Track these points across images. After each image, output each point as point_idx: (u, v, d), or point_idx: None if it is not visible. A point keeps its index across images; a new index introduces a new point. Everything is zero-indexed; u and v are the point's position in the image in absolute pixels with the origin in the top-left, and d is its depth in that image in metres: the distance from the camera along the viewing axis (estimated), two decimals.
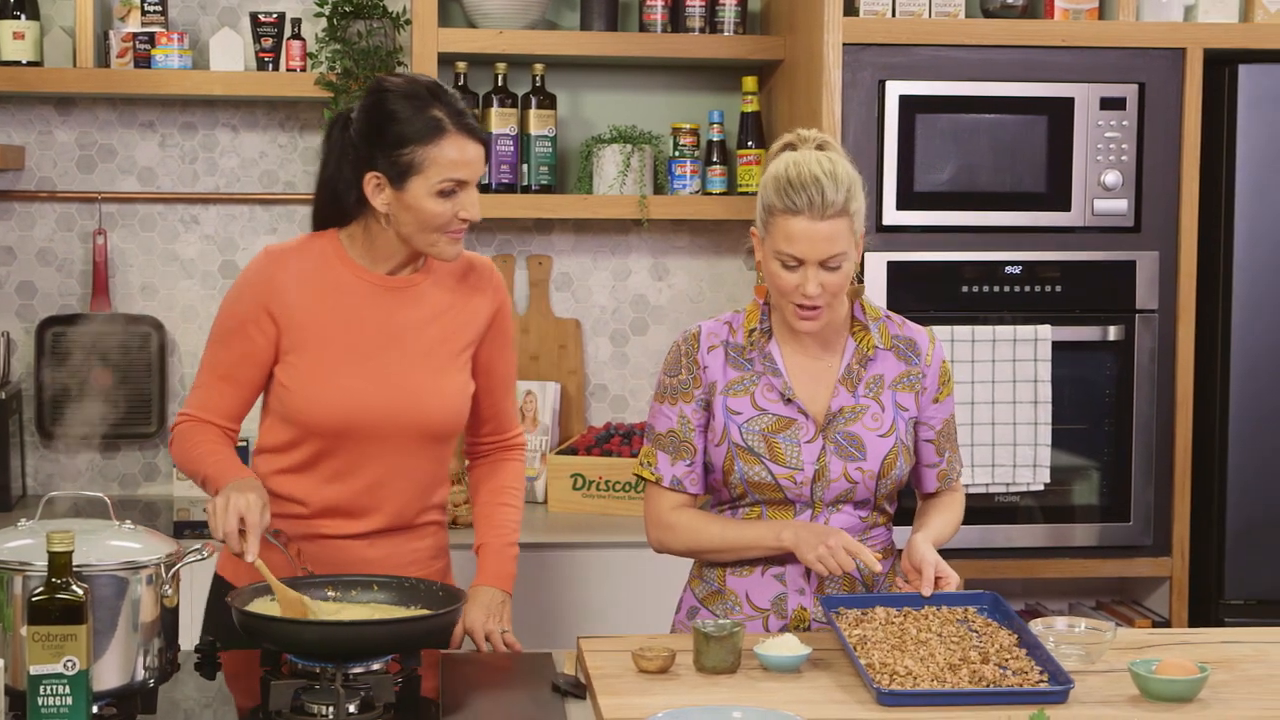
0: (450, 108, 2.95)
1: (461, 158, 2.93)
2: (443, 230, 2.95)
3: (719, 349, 3.04)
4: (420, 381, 3.03)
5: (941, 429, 3.10)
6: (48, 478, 4.63)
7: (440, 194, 2.92)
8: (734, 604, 3.06)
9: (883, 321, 3.07)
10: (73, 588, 2.30)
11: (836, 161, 2.93)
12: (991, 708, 2.57)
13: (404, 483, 3.06)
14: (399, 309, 3.04)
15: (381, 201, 2.95)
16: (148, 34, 4.42)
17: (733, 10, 4.57)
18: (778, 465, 2.98)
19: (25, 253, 4.60)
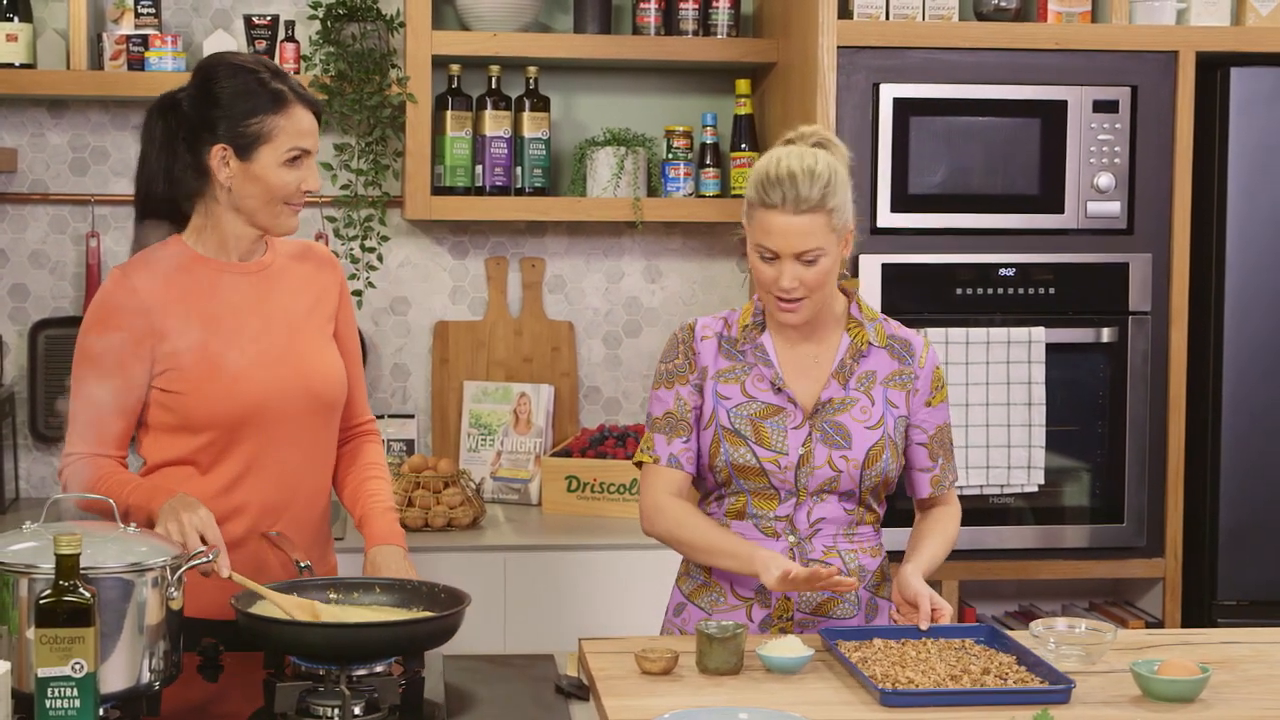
0: (287, 81, 3.02)
1: (305, 127, 3.00)
2: (287, 201, 3.00)
3: (712, 340, 3.10)
4: (303, 354, 3.07)
5: (935, 434, 3.11)
6: (40, 480, 4.62)
7: (286, 163, 2.97)
8: (719, 595, 3.09)
9: (879, 322, 3.11)
10: (80, 590, 2.29)
11: (820, 158, 2.97)
12: (994, 708, 2.57)
13: (307, 465, 3.08)
14: (262, 291, 3.08)
15: (226, 175, 2.98)
16: (141, 36, 4.42)
17: (726, 13, 4.57)
18: (763, 449, 3.01)
19: (18, 255, 4.59)
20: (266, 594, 2.71)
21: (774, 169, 2.95)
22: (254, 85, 2.96)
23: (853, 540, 3.06)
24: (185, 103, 3.01)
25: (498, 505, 4.56)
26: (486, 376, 4.74)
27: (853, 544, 3.07)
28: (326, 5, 4.49)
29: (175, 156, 3.01)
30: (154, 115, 3.05)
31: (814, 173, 2.93)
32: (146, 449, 3.07)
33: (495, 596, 4.08)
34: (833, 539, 3.05)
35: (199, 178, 3.00)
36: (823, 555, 3.04)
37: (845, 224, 2.98)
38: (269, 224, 3.03)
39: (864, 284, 4.18)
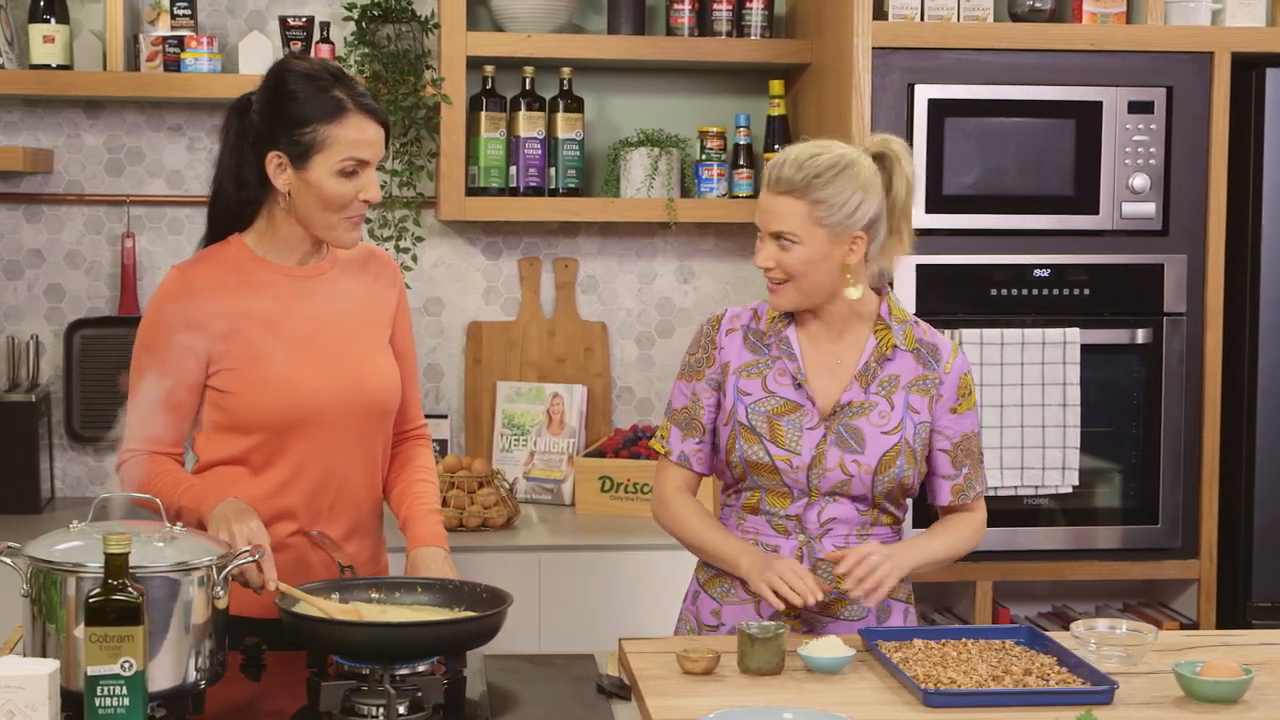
0: (351, 89, 2.99)
1: (362, 137, 2.97)
2: (343, 212, 2.99)
3: (738, 332, 3.11)
4: (356, 358, 3.07)
5: (960, 442, 3.09)
6: (76, 480, 4.64)
7: (341, 173, 2.96)
8: (730, 587, 3.10)
9: (909, 325, 3.10)
10: (129, 589, 2.31)
11: (834, 153, 2.98)
12: (1037, 709, 2.57)
13: (358, 469, 3.09)
14: (318, 296, 3.08)
15: (284, 181, 2.98)
16: (177, 37, 4.43)
17: (760, 14, 4.58)
18: (777, 447, 3.02)
19: (54, 256, 4.61)
20: (310, 600, 2.72)
21: (782, 153, 3.02)
22: (313, 93, 2.96)
23: (868, 540, 3.05)
24: (254, 106, 3.02)
25: (531, 505, 4.57)
26: (520, 377, 4.75)
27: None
28: (361, 6, 4.50)
29: (243, 158, 3.02)
30: (230, 116, 3.07)
31: (807, 160, 2.97)
32: (200, 447, 3.08)
33: (530, 597, 4.09)
34: (844, 539, 3.05)
35: (262, 182, 3.01)
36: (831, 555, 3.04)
37: (841, 223, 2.96)
38: (325, 235, 3.03)
39: (899, 285, 4.18)
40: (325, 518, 3.07)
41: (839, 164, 2.97)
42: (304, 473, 3.04)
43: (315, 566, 3.04)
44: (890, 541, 3.08)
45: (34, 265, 4.60)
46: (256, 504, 2.95)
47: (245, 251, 3.06)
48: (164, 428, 3.02)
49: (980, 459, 3.14)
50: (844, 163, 2.97)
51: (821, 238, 2.96)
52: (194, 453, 3.11)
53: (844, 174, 2.96)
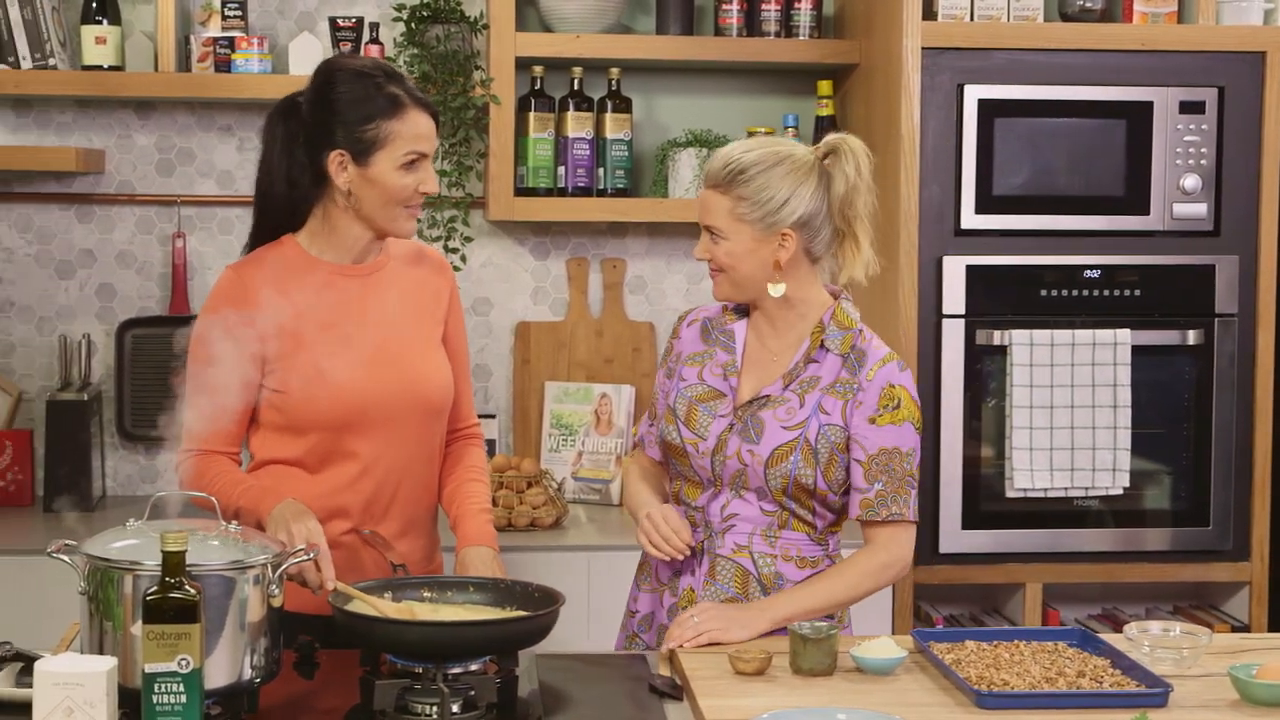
0: (403, 84, 3.04)
1: (420, 130, 3.03)
2: (404, 204, 3.03)
3: (698, 324, 3.16)
4: (409, 357, 3.10)
5: (876, 455, 2.98)
6: (127, 478, 4.66)
7: (403, 167, 3.01)
8: (648, 574, 3.17)
9: (852, 332, 3.03)
10: (186, 587, 2.32)
11: (764, 152, 2.97)
12: (1091, 711, 2.56)
13: (413, 467, 3.11)
14: (372, 293, 3.10)
15: (345, 180, 3.01)
16: (228, 38, 4.46)
17: (808, 14, 4.57)
18: (688, 430, 3.05)
19: (105, 255, 4.64)
20: (364, 599, 2.73)
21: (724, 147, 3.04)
22: (370, 90, 2.99)
23: (772, 543, 3.03)
24: (304, 107, 3.04)
25: (579, 505, 4.58)
26: (568, 377, 4.76)
27: (771, 547, 3.02)
28: (411, 7, 4.51)
29: (293, 159, 3.04)
30: (274, 118, 3.08)
31: (735, 157, 2.97)
32: (255, 446, 3.10)
33: (579, 596, 4.09)
34: (746, 537, 3.03)
35: (316, 182, 3.03)
36: (732, 553, 3.03)
37: (764, 219, 2.95)
38: (387, 226, 3.06)
39: (948, 286, 4.17)
40: (381, 516, 3.08)
41: (765, 161, 2.95)
42: (359, 472, 3.05)
43: (368, 565, 3.05)
44: (809, 552, 3.04)
45: (86, 265, 4.63)
46: (312, 503, 2.97)
47: (298, 251, 3.08)
48: (220, 427, 3.04)
49: (905, 480, 2.99)
50: (773, 160, 2.96)
51: (746, 233, 2.96)
52: (249, 451, 3.13)
53: (769, 171, 2.95)
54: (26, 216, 4.60)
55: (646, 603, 3.15)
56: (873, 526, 3.01)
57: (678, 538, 2.99)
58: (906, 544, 3.03)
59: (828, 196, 2.98)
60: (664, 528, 2.99)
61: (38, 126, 4.58)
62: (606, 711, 2.65)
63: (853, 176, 2.97)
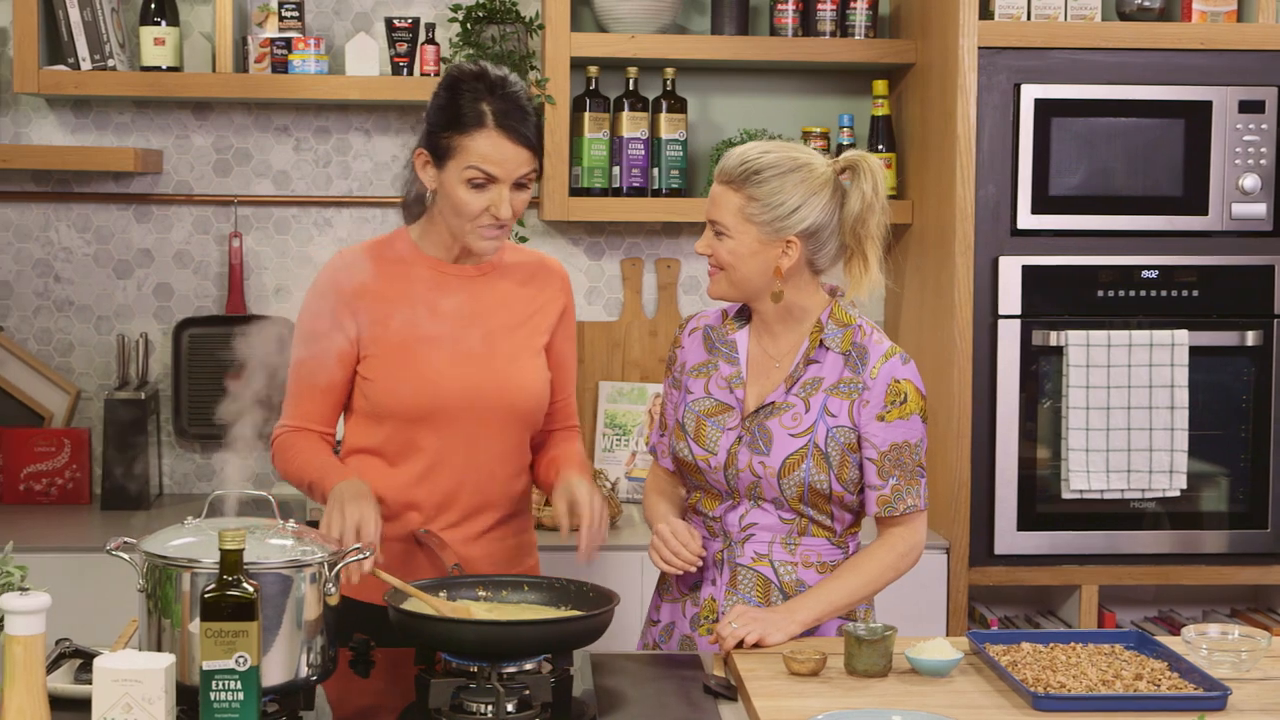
0: (502, 102, 2.99)
1: (494, 153, 2.98)
2: (473, 222, 3.01)
3: (699, 332, 3.13)
4: (500, 360, 3.10)
5: (887, 451, 2.98)
6: (184, 477, 4.69)
7: (469, 183, 2.99)
8: (669, 584, 3.15)
9: (851, 329, 3.02)
10: (244, 585, 2.33)
11: (782, 156, 2.95)
12: (1148, 714, 2.55)
13: (492, 468, 3.11)
14: (473, 294, 3.11)
15: (428, 178, 3.04)
16: (285, 39, 4.48)
17: (864, 14, 4.56)
18: (698, 446, 3.03)
19: (163, 255, 4.67)
20: (421, 597, 2.74)
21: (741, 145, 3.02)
22: (457, 99, 2.99)
23: (792, 551, 3.01)
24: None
25: (633, 505, 4.58)
26: (621, 377, 4.76)
27: (792, 555, 3.01)
28: (467, 8, 4.53)
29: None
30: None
31: (752, 157, 2.95)
32: (347, 432, 3.15)
33: (633, 596, 4.09)
34: (766, 546, 3.01)
35: (415, 178, 3.10)
36: (752, 562, 3.02)
37: (772, 223, 2.93)
38: (461, 238, 3.06)
39: (1004, 286, 4.15)
40: (455, 515, 3.09)
41: (783, 165, 2.94)
42: (431, 466, 3.07)
43: (424, 564, 3.06)
44: (829, 556, 3.03)
45: (143, 264, 4.66)
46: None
47: (408, 244, 3.13)
48: (313, 405, 3.09)
49: (915, 471, 2.99)
50: (791, 165, 2.94)
51: (752, 234, 2.94)
52: (342, 437, 3.16)
53: (786, 176, 2.93)
54: (85, 216, 4.63)
55: (668, 612, 3.14)
56: (890, 520, 3.02)
57: (687, 550, 2.98)
58: (920, 531, 3.04)
59: (840, 212, 2.97)
60: (673, 542, 2.98)
61: (97, 127, 4.62)
62: (661, 711, 2.65)
63: (869, 195, 2.96)
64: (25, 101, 4.59)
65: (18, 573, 2.56)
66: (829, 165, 2.98)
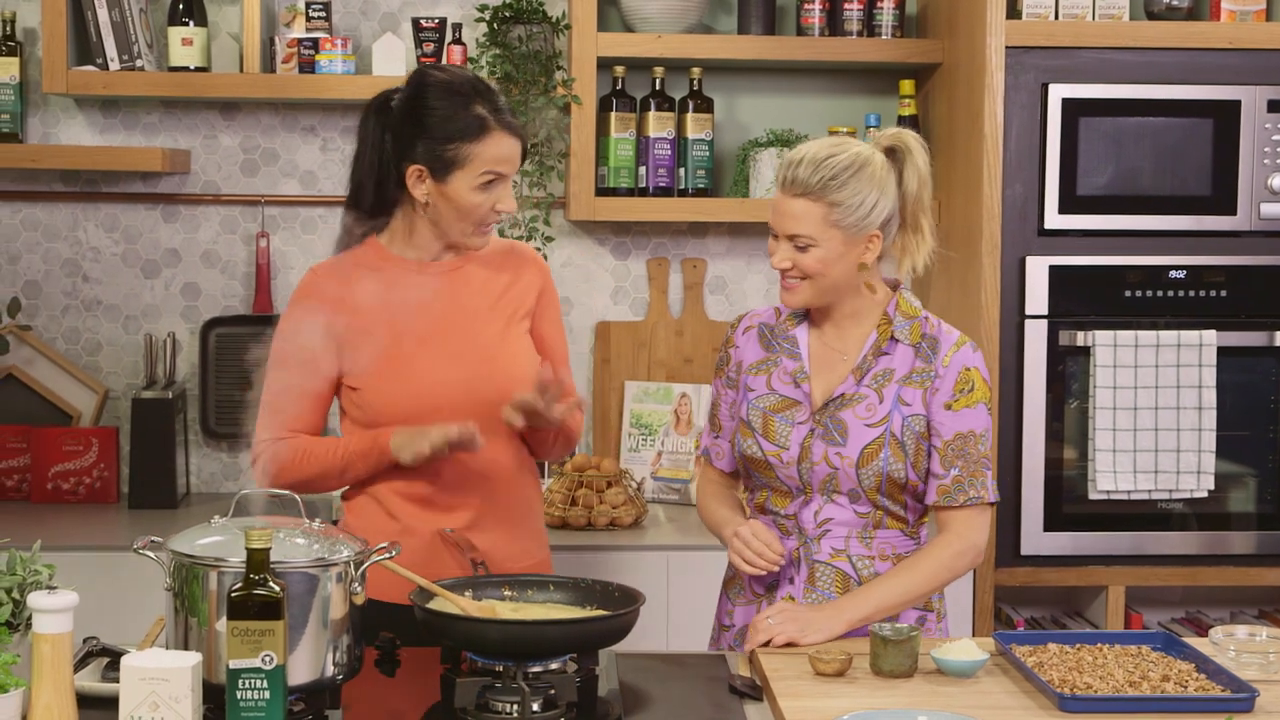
0: (492, 105, 3.03)
1: (502, 153, 3.02)
2: (479, 222, 3.05)
3: (754, 330, 3.13)
4: (487, 351, 3.10)
5: (952, 440, 2.98)
6: (211, 476, 4.71)
7: (480, 187, 3.01)
8: (741, 587, 3.14)
9: (918, 320, 3.04)
10: (271, 584, 2.34)
11: (849, 151, 2.94)
12: (1176, 716, 2.54)
13: (496, 460, 3.11)
14: (451, 291, 3.12)
15: (422, 193, 3.04)
16: (312, 39, 4.49)
17: (891, 14, 4.56)
18: (768, 442, 3.02)
19: (190, 255, 4.68)
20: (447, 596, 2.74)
21: (795, 151, 2.99)
22: (457, 109, 3.01)
23: (868, 544, 3.02)
24: (396, 109, 3.07)
25: (658, 505, 4.58)
26: (648, 377, 4.76)
27: (868, 548, 3.01)
28: (493, 8, 4.53)
29: (382, 158, 3.07)
30: (368, 114, 3.11)
31: (823, 162, 2.93)
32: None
33: (658, 596, 4.10)
34: (843, 541, 3.02)
35: (398, 187, 3.07)
36: (830, 558, 3.01)
37: (857, 224, 2.93)
38: (459, 241, 3.09)
39: (1031, 286, 4.14)
40: (474, 509, 3.09)
41: (854, 164, 2.93)
42: (445, 464, 3.07)
43: (450, 563, 3.06)
44: (903, 547, 3.03)
45: (171, 264, 4.67)
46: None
47: (379, 251, 3.13)
48: (299, 418, 3.08)
49: (981, 462, 2.99)
50: (859, 162, 2.94)
51: (838, 239, 2.94)
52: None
53: (859, 174, 2.93)
54: (113, 216, 4.65)
55: (742, 615, 3.12)
56: (949, 511, 3.00)
57: (770, 550, 2.98)
58: (982, 529, 3.02)
59: (899, 193, 2.98)
60: (755, 543, 2.98)
61: (124, 127, 4.63)
62: (686, 711, 2.65)
63: (923, 170, 2.99)
64: (54, 102, 4.60)
65: (46, 571, 2.57)
66: (874, 150, 2.98)
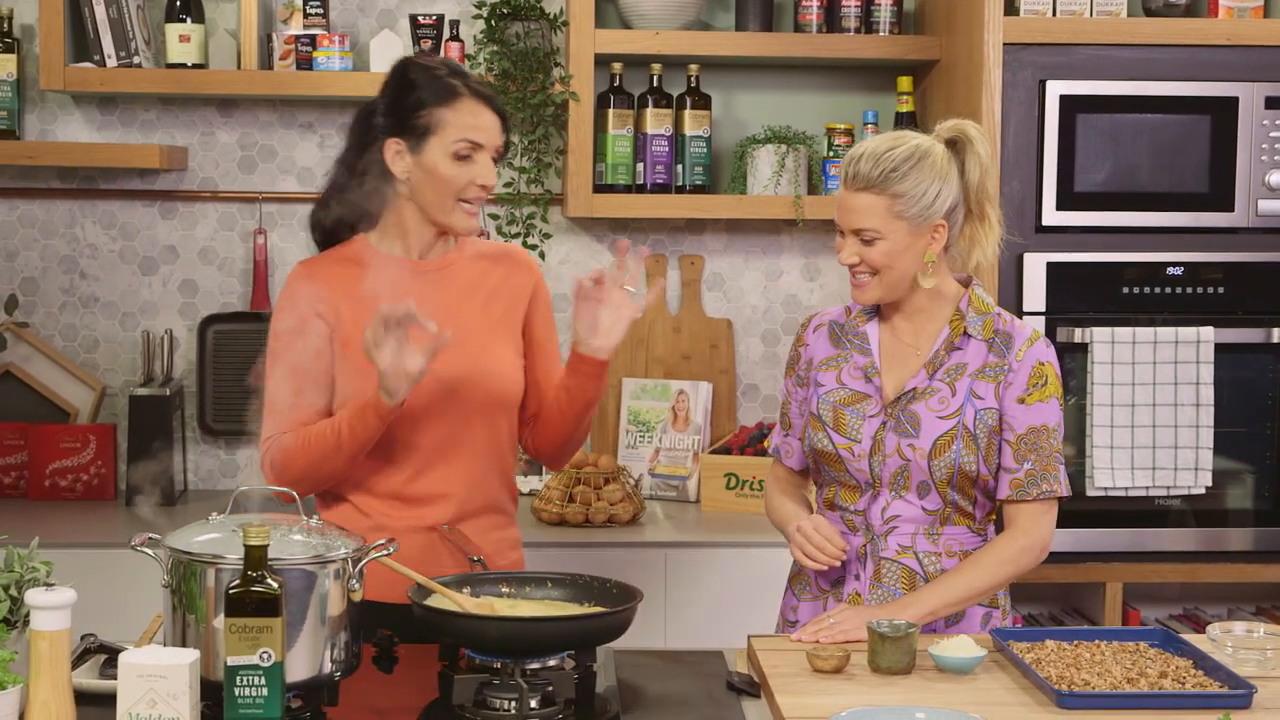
0: (466, 78, 3.06)
1: (475, 121, 3.03)
2: (460, 197, 3.04)
3: (824, 328, 3.15)
4: (472, 349, 3.09)
5: (1024, 434, 3.00)
6: (209, 473, 4.71)
7: (456, 156, 3.02)
8: (806, 583, 3.14)
9: (990, 316, 3.05)
10: (268, 581, 2.34)
11: (909, 144, 2.96)
12: (1174, 713, 2.54)
13: (468, 462, 3.10)
14: (438, 287, 3.11)
15: (402, 168, 3.04)
16: (309, 36, 4.48)
17: (888, 10, 4.56)
18: (839, 435, 3.03)
19: (188, 252, 4.68)
20: (444, 593, 2.74)
21: (856, 147, 3.00)
22: (427, 79, 3.03)
23: (935, 541, 3.03)
24: (378, 106, 3.08)
25: (656, 502, 4.58)
26: (645, 373, 4.76)
27: (935, 545, 3.02)
28: (491, 4, 4.53)
29: (365, 155, 3.08)
30: (356, 119, 3.14)
31: (883, 155, 2.94)
32: None
33: (656, 593, 4.10)
34: (910, 538, 3.02)
35: (382, 175, 3.07)
36: (896, 554, 3.02)
37: (921, 214, 2.95)
38: (445, 221, 3.08)
39: (1029, 282, 4.14)
40: (456, 506, 3.09)
41: (915, 155, 2.95)
42: (430, 462, 3.07)
43: (445, 559, 3.06)
44: (971, 544, 3.04)
45: (169, 261, 4.67)
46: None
47: (367, 247, 3.13)
48: (304, 411, 3.08)
49: (1053, 456, 3.01)
50: (919, 153, 2.96)
51: (903, 230, 2.95)
52: None
53: (920, 165, 2.95)
54: (111, 213, 4.65)
55: (808, 611, 3.12)
56: (1020, 505, 3.02)
57: (831, 545, 2.98)
58: (1048, 525, 3.04)
59: (962, 183, 3.00)
60: (816, 538, 2.98)
61: (122, 124, 4.63)
62: (684, 708, 2.65)
63: (985, 160, 3.02)
64: (51, 98, 4.60)
65: (43, 568, 2.57)
66: (934, 142, 3.00)
